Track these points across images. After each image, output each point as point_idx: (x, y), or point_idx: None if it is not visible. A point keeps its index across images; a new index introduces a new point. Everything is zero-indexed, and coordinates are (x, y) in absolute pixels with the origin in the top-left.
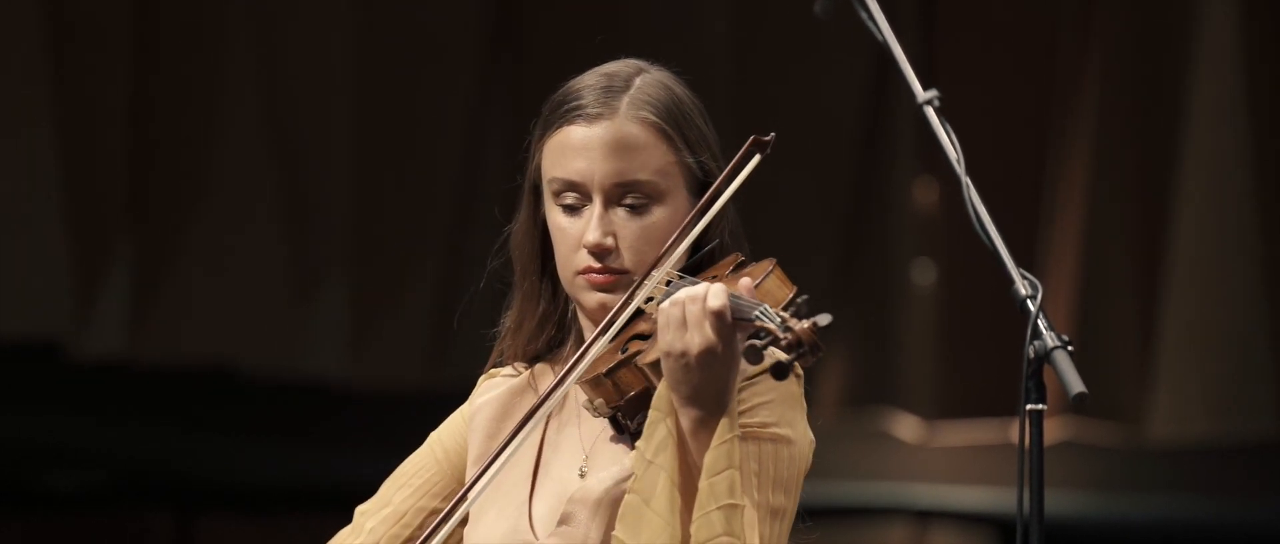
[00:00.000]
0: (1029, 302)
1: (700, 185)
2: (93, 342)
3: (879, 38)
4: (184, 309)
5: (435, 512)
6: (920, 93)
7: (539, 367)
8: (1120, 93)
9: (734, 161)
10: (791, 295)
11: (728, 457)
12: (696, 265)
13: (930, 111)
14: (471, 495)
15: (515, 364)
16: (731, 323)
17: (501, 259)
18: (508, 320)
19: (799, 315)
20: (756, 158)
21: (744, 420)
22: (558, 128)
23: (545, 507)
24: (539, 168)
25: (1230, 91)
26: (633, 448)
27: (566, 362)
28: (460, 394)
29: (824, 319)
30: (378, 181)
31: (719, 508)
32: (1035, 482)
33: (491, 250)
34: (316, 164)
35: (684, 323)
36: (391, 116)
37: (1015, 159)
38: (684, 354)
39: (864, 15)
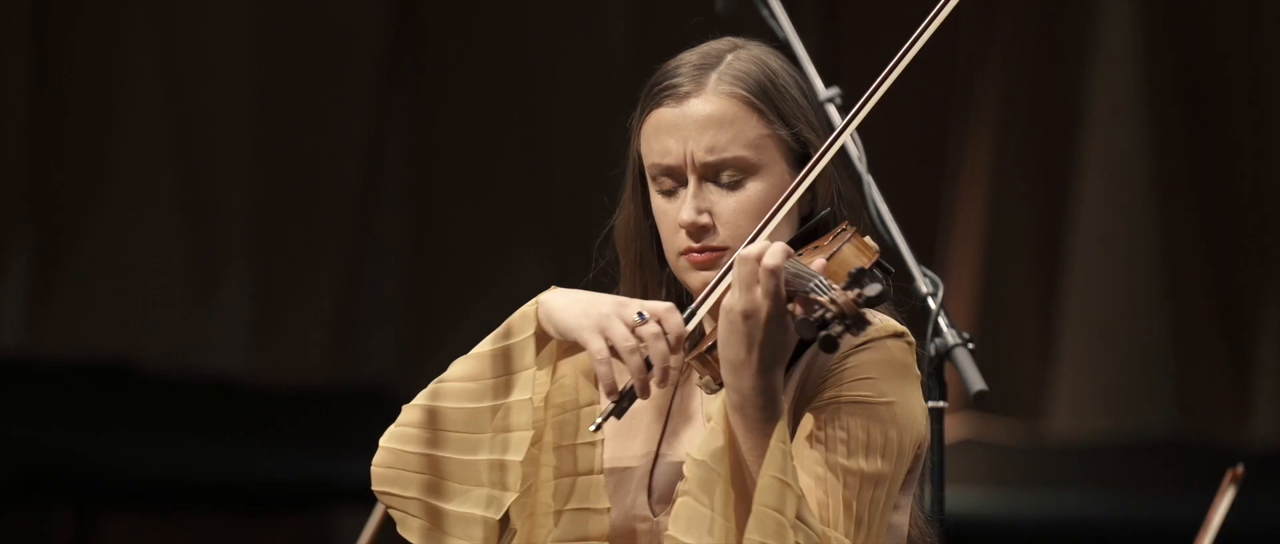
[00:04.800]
0: (930, 299)
1: (799, 157)
2: None
3: (780, 36)
4: (84, 304)
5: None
6: (822, 90)
7: None
8: (1020, 90)
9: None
10: (860, 265)
11: (782, 467)
12: (808, 235)
13: (832, 109)
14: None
15: None
16: (782, 292)
17: (611, 256)
18: None
19: (857, 285)
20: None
21: (843, 392)
22: (650, 110)
23: (661, 483)
24: (640, 153)
25: (1128, 90)
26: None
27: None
28: (362, 389)
29: (872, 289)
30: (280, 175)
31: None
32: (936, 479)
33: (597, 242)
34: (218, 158)
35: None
36: (293, 110)
37: (916, 157)
38: (739, 312)
39: (765, 13)
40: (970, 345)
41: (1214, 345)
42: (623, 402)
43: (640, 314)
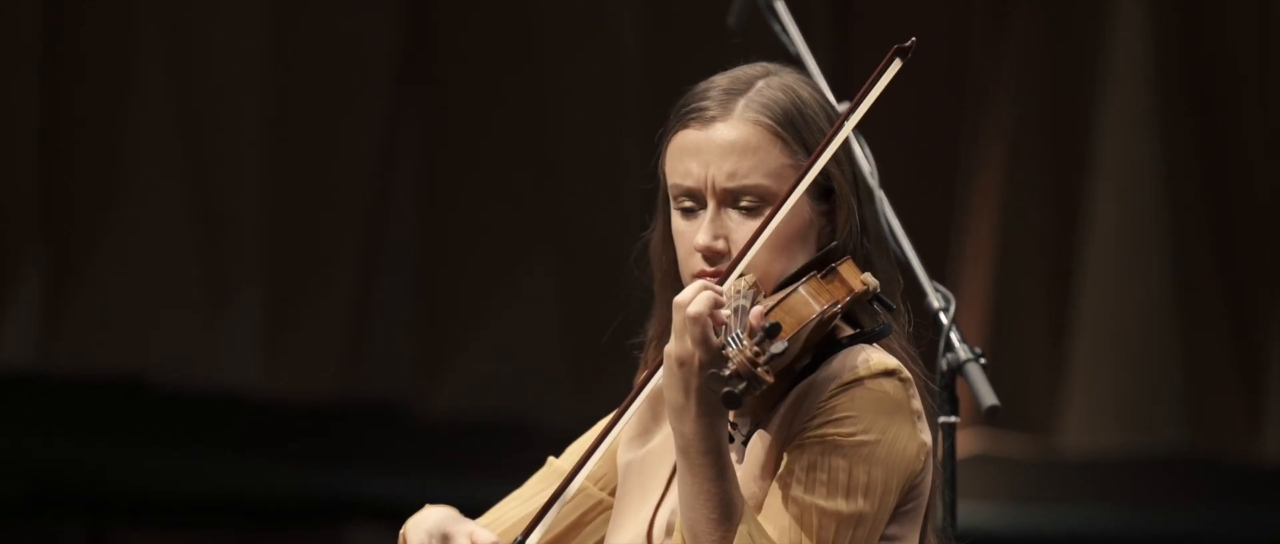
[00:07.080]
0: (942, 314)
1: (822, 190)
2: (3, 352)
3: (792, 51)
4: (96, 319)
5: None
6: (834, 104)
7: None
8: (1032, 105)
9: (875, 73)
10: (813, 311)
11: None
12: (813, 266)
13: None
14: (577, 477)
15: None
16: (711, 338)
17: (647, 269)
18: (650, 329)
19: (765, 342)
20: (897, 65)
21: (825, 431)
22: (676, 131)
23: (665, 516)
24: (664, 172)
25: (1139, 105)
26: (739, 458)
27: None
28: (374, 403)
29: (777, 347)
30: (291, 189)
31: None
32: (948, 494)
33: (631, 256)
34: (229, 172)
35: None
36: (304, 125)
37: (928, 172)
38: (674, 358)
39: (778, 28)
40: (982, 360)
41: (1226, 360)
42: None
43: None
